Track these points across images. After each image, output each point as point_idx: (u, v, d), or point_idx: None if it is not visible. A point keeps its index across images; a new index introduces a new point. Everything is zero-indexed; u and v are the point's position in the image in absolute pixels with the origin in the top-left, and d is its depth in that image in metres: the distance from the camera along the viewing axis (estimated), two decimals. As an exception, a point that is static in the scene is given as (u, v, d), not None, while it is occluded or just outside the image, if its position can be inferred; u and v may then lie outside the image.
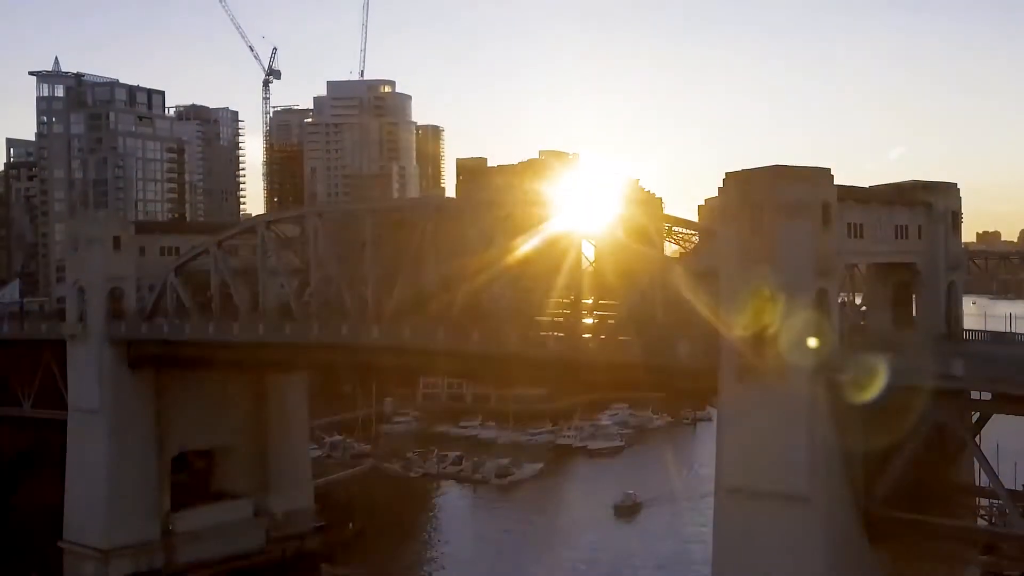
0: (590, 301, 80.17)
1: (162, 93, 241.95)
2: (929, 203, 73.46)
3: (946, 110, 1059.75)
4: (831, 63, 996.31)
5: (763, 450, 61.34)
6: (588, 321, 76.23)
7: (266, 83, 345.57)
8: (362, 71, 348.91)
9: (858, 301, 78.91)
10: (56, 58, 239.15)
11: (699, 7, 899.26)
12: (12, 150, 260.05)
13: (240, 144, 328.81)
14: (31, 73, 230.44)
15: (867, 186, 73.40)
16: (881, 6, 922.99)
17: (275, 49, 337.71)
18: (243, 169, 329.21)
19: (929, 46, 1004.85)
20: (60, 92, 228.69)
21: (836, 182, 63.11)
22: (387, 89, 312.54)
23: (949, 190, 75.39)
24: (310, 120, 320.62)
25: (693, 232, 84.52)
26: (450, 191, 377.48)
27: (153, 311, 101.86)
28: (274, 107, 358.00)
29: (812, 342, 60.05)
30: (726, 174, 64.24)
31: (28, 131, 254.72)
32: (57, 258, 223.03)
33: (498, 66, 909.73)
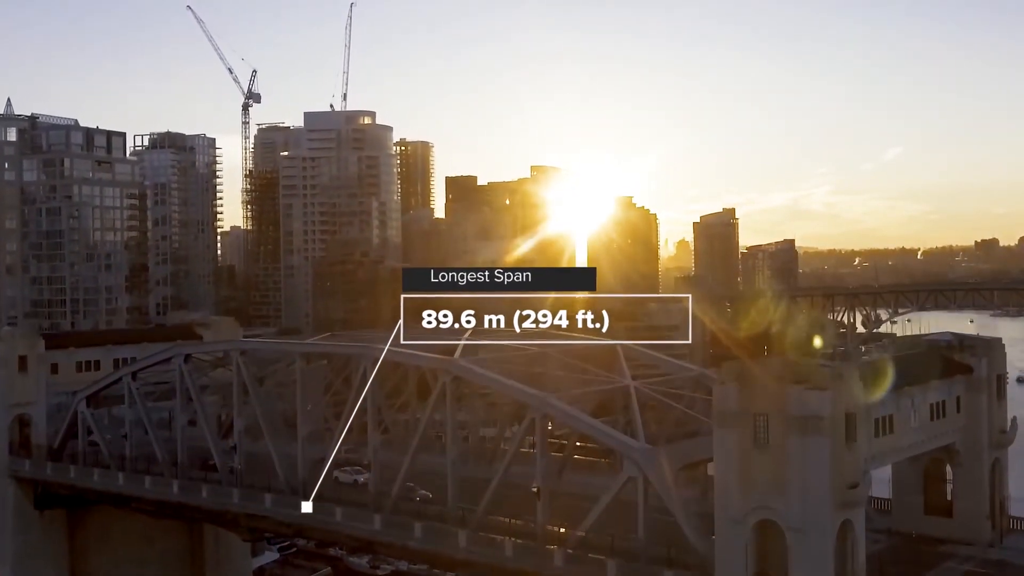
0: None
1: (123, 135, 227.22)
2: (969, 367, 60.48)
3: (942, 111, 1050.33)
4: (827, 65, 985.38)
5: None
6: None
7: (245, 107, 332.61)
8: (344, 93, 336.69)
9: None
10: (8, 99, 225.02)
11: (694, 11, 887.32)
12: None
13: (218, 172, 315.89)
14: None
15: (899, 355, 60.56)
16: (878, 8, 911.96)
17: (255, 71, 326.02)
18: (220, 197, 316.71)
19: (926, 48, 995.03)
20: (12, 136, 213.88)
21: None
22: (367, 120, 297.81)
23: (992, 347, 62.52)
24: (286, 154, 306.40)
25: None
26: (439, 211, 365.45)
27: (62, 446, 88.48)
28: (259, 124, 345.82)
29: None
30: (723, 366, 51.19)
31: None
32: (8, 315, 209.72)
33: (489, 80, 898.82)
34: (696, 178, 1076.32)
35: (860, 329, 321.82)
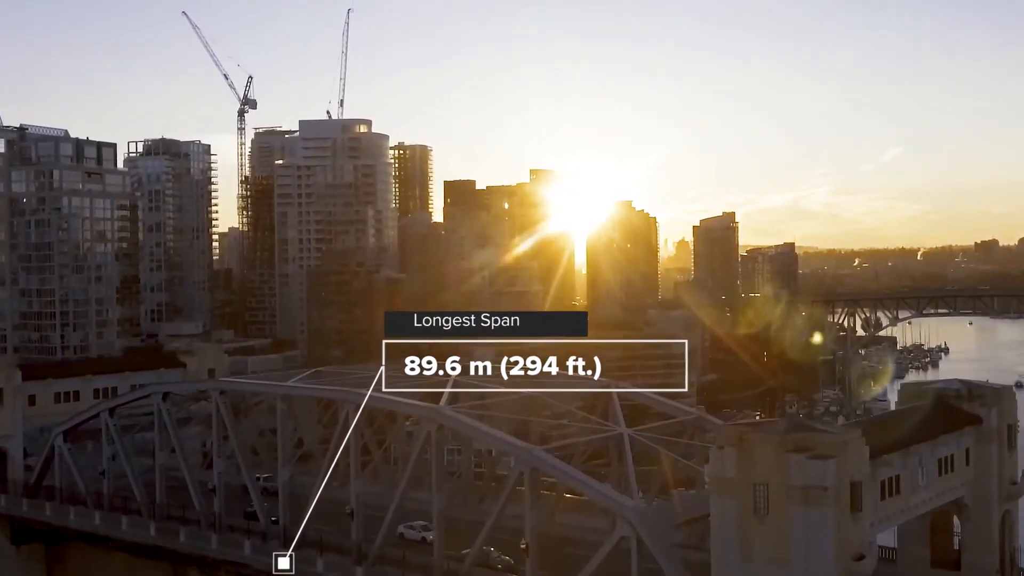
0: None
1: (113, 145, 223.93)
2: (979, 418, 57.77)
3: (942, 111, 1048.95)
4: (827, 65, 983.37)
5: None
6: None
7: (241, 113, 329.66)
8: (342, 100, 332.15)
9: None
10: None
11: (693, 12, 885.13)
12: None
13: (213, 178, 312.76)
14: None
15: (905, 408, 57.91)
16: (878, 8, 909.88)
17: (251, 78, 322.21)
18: (216, 203, 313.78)
19: (925, 47, 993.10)
20: (1, 147, 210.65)
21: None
22: (363, 129, 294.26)
23: (1002, 396, 59.65)
24: (281, 162, 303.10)
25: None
26: (437, 215, 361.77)
27: (39, 480, 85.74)
28: (256, 128, 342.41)
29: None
30: (721, 430, 48.43)
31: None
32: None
33: (487, 83, 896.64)
34: (695, 179, 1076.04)
35: (860, 333, 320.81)
